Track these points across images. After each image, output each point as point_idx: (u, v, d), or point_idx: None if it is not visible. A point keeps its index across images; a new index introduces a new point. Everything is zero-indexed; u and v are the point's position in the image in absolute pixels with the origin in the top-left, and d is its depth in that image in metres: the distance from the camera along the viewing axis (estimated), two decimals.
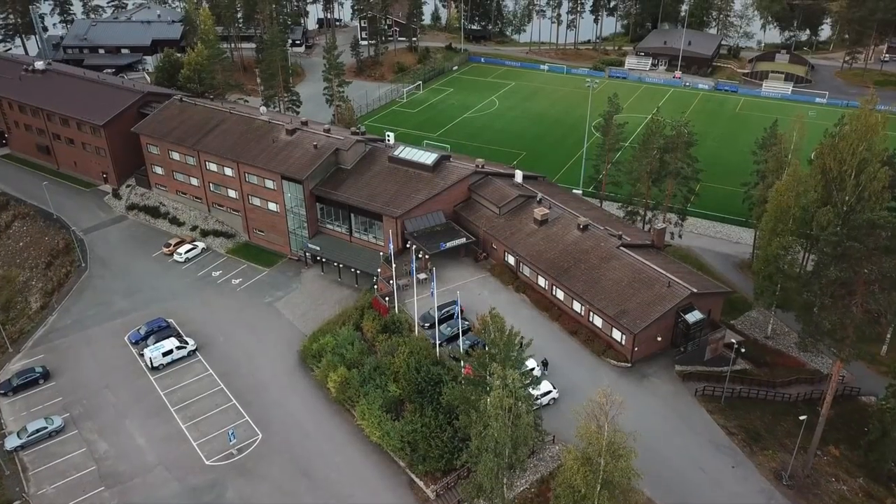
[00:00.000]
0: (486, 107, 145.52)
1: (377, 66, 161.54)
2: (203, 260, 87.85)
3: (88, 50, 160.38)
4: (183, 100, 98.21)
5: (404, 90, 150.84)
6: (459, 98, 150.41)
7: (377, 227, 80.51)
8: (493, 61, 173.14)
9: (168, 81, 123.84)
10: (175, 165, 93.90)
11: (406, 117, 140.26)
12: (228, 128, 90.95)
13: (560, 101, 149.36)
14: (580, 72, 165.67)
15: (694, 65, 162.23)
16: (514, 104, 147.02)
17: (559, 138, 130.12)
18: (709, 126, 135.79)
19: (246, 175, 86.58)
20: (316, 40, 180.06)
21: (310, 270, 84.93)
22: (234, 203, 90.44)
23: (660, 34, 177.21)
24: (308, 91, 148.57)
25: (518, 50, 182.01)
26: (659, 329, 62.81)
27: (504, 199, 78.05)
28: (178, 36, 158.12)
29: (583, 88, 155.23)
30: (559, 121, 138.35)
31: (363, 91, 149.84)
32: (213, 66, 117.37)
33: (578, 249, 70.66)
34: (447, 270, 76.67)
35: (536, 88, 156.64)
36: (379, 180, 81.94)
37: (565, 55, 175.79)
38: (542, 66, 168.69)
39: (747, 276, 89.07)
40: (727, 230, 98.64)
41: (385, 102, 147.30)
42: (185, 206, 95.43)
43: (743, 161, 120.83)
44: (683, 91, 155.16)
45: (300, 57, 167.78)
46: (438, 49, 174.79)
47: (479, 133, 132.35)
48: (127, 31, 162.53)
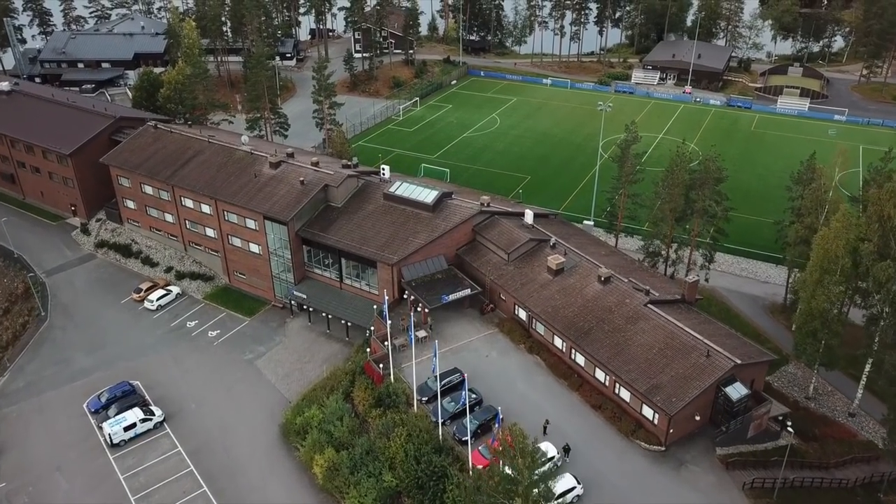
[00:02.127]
0: (487, 125, 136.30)
1: (372, 80, 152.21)
2: (177, 307, 78.32)
3: (67, 64, 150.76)
4: (158, 126, 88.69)
5: (400, 107, 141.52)
6: (458, 115, 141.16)
7: (371, 273, 71.19)
8: (494, 75, 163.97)
9: (147, 101, 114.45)
10: (148, 200, 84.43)
11: (402, 137, 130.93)
12: (206, 159, 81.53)
13: (565, 118, 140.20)
14: (585, 87, 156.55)
15: (704, 79, 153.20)
16: (517, 122, 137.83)
17: (566, 160, 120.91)
18: (724, 146, 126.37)
19: (225, 213, 77.17)
20: (308, 52, 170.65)
21: (295, 320, 75.53)
22: (212, 243, 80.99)
23: (667, 46, 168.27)
24: (299, 108, 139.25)
25: (519, 62, 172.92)
26: (696, 406, 53.68)
27: (513, 244, 68.78)
28: (162, 49, 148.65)
29: (589, 105, 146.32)
30: (565, 140, 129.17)
31: (357, 108, 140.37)
32: (195, 86, 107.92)
33: (600, 306, 61.40)
34: (449, 325, 67.34)
35: (539, 104, 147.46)
36: (373, 221, 72.62)
37: (568, 68, 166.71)
38: (545, 81, 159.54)
39: (779, 322, 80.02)
40: (753, 267, 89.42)
41: (380, 120, 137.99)
42: (160, 245, 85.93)
43: (764, 186, 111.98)
44: (694, 107, 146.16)
45: (291, 71, 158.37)
46: (436, 62, 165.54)
47: (480, 154, 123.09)
48: (108, 44, 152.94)
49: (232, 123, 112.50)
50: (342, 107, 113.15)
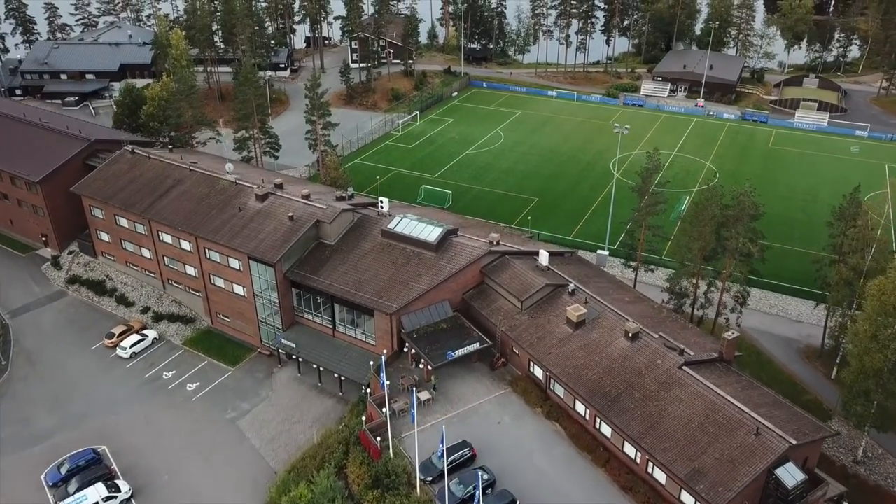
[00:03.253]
0: (491, 141, 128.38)
1: (369, 93, 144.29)
2: (154, 354, 70.25)
3: (49, 75, 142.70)
4: (135, 151, 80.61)
5: (399, 122, 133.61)
6: (460, 130, 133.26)
7: (367, 320, 63.29)
8: (496, 86, 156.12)
9: (129, 118, 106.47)
10: (123, 233, 76.42)
11: (401, 154, 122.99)
12: (187, 189, 73.53)
13: (573, 133, 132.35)
14: (592, 99, 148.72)
15: (717, 91, 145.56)
16: (522, 138, 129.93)
17: (575, 180, 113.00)
18: (741, 164, 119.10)
19: (206, 251, 69.21)
20: (303, 62, 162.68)
21: (284, 370, 67.57)
22: (193, 282, 73.00)
23: (677, 56, 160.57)
24: (293, 122, 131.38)
25: (522, 73, 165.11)
26: (745, 496, 45.85)
27: (527, 290, 60.89)
28: (150, 60, 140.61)
29: (597, 119, 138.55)
30: (574, 158, 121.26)
31: (353, 123, 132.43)
32: (180, 103, 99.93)
33: (629, 368, 53.53)
34: (455, 383, 59.40)
35: (545, 118, 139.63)
36: (369, 261, 64.68)
37: (574, 79, 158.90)
38: (550, 93, 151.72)
39: (817, 369, 72.26)
40: (783, 303, 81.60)
41: (378, 136, 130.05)
42: (136, 282, 77.91)
43: (788, 210, 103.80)
44: (707, 121, 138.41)
45: (285, 82, 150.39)
46: (436, 73, 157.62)
47: (484, 173, 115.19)
48: (92, 54, 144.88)
49: (220, 143, 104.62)
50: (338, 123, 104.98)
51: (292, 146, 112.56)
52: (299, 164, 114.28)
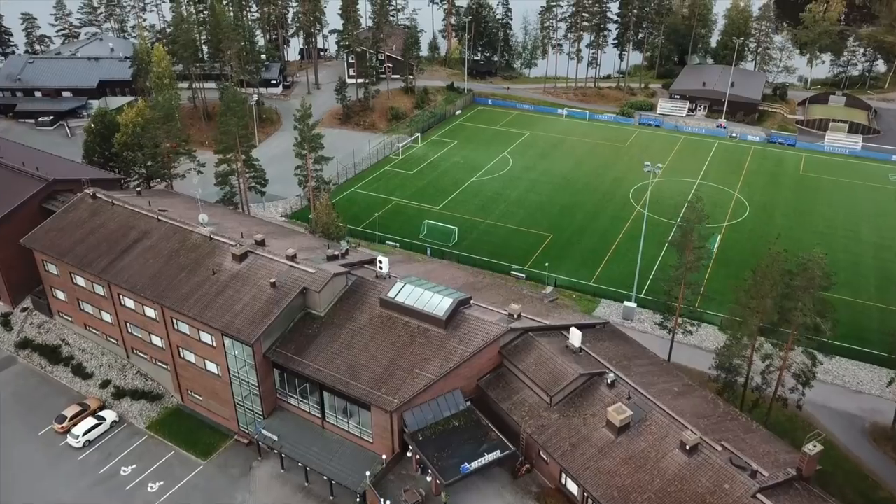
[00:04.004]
0: (498, 166, 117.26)
1: (367, 111, 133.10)
2: (112, 442, 59.01)
3: (22, 93, 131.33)
4: (97, 195, 69.31)
5: (399, 145, 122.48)
6: (465, 154, 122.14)
7: (362, 412, 52.28)
8: (502, 104, 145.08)
9: (101, 146, 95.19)
10: (81, 293, 65.25)
11: (402, 181, 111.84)
12: (154, 245, 62.35)
13: (587, 157, 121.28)
14: (606, 118, 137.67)
15: (739, 110, 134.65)
16: (532, 162, 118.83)
17: (593, 212, 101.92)
18: (771, 193, 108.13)
19: (174, 321, 58.18)
20: (296, 77, 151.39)
21: (264, 465, 56.39)
22: (159, 353, 61.91)
23: (694, 72, 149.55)
24: (285, 144, 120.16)
25: (529, 88, 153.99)
26: None
27: (558, 382, 49.81)
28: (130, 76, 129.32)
29: (612, 141, 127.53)
30: (590, 186, 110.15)
31: (350, 145, 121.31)
32: (156, 131, 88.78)
33: (689, 493, 42.51)
34: (470, 496, 48.32)
35: (556, 140, 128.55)
36: (365, 339, 53.65)
37: (585, 96, 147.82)
38: (561, 111, 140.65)
39: (888, 454, 61.48)
40: (838, 368, 70.47)
41: (376, 160, 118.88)
42: (96, 348, 66.69)
43: (829, 249, 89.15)
44: (731, 144, 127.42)
45: (276, 100, 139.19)
46: (438, 89, 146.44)
47: (492, 204, 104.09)
48: (70, 69, 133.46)
49: (202, 174, 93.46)
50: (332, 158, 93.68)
51: (283, 172, 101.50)
52: (290, 193, 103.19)
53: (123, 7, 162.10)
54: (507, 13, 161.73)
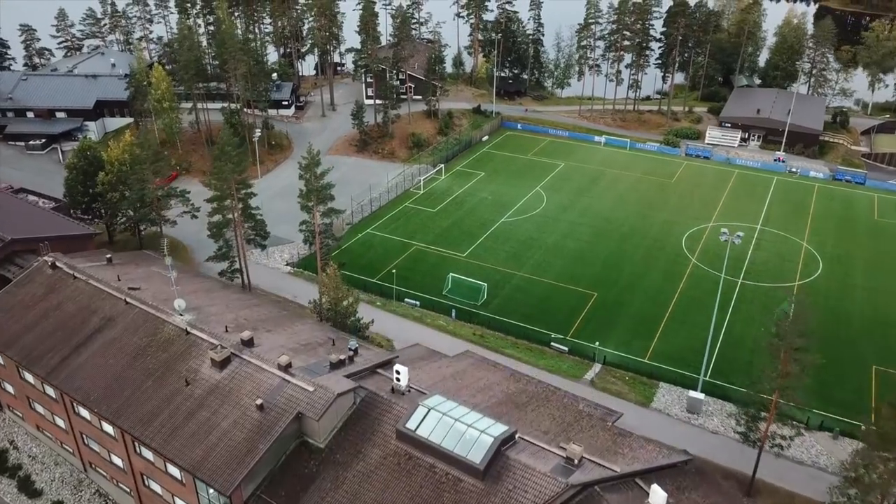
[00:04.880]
0: (531, 205, 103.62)
1: (386, 138, 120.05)
2: None
3: (13, 113, 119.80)
4: (57, 265, 56.69)
5: (421, 178, 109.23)
6: (493, 188, 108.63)
7: None
8: (533, 129, 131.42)
9: (83, 185, 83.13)
10: (31, 391, 52.60)
11: (423, 221, 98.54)
12: (118, 337, 49.56)
13: (630, 194, 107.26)
14: (648, 147, 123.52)
15: (798, 141, 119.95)
16: (568, 200, 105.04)
17: (642, 265, 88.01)
18: (845, 244, 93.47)
19: (136, 444, 45.34)
20: (310, 97, 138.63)
21: None
22: (120, 475, 49.16)
23: (744, 96, 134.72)
24: (293, 175, 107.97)
25: (562, 111, 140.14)
26: None
27: None
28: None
29: (656, 175, 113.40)
30: (635, 231, 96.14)
31: (366, 178, 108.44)
32: (144, 173, 76.31)
33: None
34: None
35: (594, 173, 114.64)
36: (378, 487, 40.38)
37: (625, 121, 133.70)
38: (598, 139, 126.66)
39: None
40: None
41: (395, 195, 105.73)
42: (49, 457, 54.10)
43: None
44: (791, 181, 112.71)
45: (288, 122, 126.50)
46: (464, 112, 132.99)
47: (525, 252, 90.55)
48: (65, 88, 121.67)
49: (196, 218, 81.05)
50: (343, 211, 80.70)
51: (291, 209, 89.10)
52: (297, 236, 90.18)
53: (129, 18, 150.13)
54: (538, 28, 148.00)
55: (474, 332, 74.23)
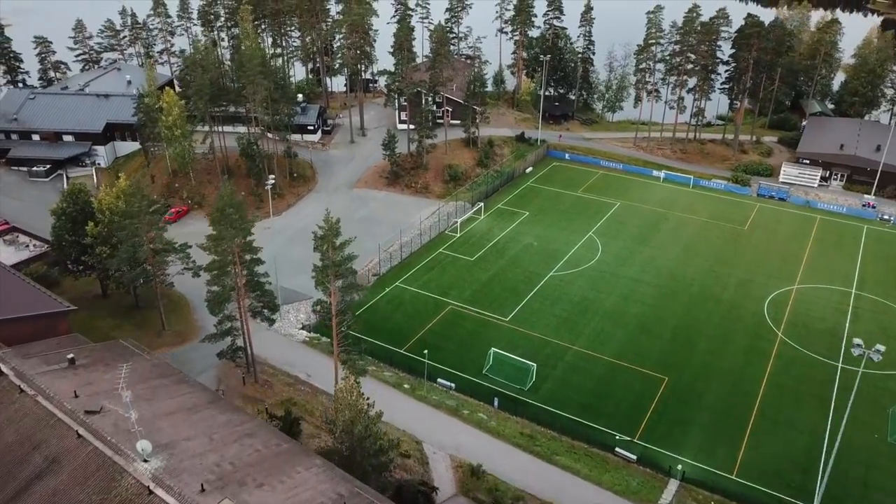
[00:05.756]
0: (584, 255, 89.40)
1: (419, 170, 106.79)
2: None
3: (18, 135, 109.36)
4: (3, 372, 44.31)
5: (457, 220, 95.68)
6: (540, 232, 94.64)
7: None
8: (582, 159, 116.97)
9: (71, 234, 71.32)
10: None
11: (459, 273, 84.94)
12: (61, 489, 36.88)
13: (697, 243, 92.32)
14: (715, 185, 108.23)
15: (890, 183, 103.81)
16: (627, 251, 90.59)
17: (719, 340, 73.35)
18: None
19: None
20: (338, 119, 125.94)
21: None
22: None
23: (822, 128, 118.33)
24: (317, 212, 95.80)
25: (614, 139, 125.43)
26: None
27: None
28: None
29: (727, 221, 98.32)
30: (707, 293, 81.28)
31: (397, 217, 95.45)
32: (136, 227, 64.05)
33: None
34: None
35: (654, 216, 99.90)
36: None
37: (686, 153, 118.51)
38: (656, 174, 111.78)
39: None
40: None
41: (428, 238, 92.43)
42: None
43: None
44: (885, 231, 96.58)
45: (313, 149, 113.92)
46: (506, 140, 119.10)
47: (579, 318, 76.52)
48: (74, 108, 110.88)
49: (198, 276, 68.58)
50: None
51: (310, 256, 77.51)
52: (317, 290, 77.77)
53: (150, 30, 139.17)
54: (588, 46, 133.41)
55: (521, 431, 60.82)
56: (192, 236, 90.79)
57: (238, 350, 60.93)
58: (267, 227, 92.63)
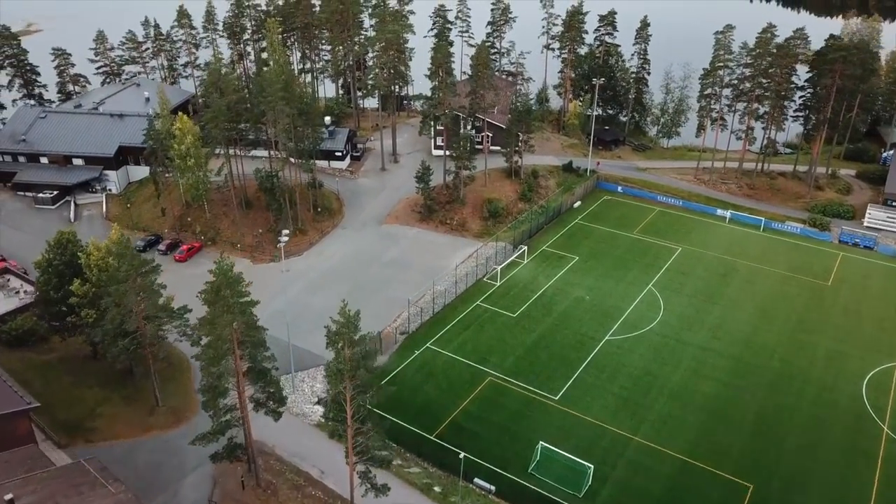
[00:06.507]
0: (644, 313, 76.82)
1: (456, 204, 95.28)
2: None
3: (26, 157, 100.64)
4: None
5: (497, 267, 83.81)
6: (592, 283, 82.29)
7: None
8: (637, 193, 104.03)
9: (55, 291, 61.33)
10: None
11: (499, 334, 73.13)
12: None
13: (774, 304, 78.88)
14: (788, 229, 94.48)
15: None
16: (693, 310, 77.67)
17: (811, 435, 60.47)
18: None
19: None
20: (369, 142, 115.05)
21: None
22: None
23: None
24: (341, 252, 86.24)
25: (671, 169, 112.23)
26: None
27: None
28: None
29: (807, 272, 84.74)
30: (792, 369, 68.26)
31: (430, 262, 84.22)
32: (125, 294, 53.62)
33: None
34: None
35: (722, 265, 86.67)
36: None
37: (753, 189, 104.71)
38: (721, 213, 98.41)
39: None
40: None
41: (465, 286, 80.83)
42: None
43: None
44: None
45: (340, 178, 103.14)
46: (551, 170, 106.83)
47: (641, 398, 64.33)
48: (86, 129, 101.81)
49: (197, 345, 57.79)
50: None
51: (332, 307, 67.05)
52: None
53: (174, 42, 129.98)
54: (643, 65, 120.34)
55: None
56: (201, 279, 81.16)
57: (237, 449, 50.03)
58: (286, 269, 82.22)
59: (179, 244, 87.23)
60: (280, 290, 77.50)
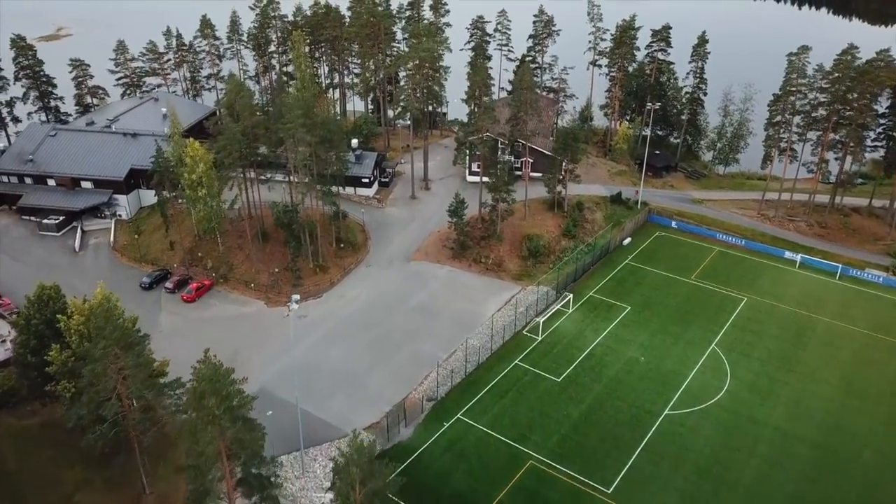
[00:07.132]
0: (707, 382, 65.85)
1: (492, 239, 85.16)
2: None
3: (33, 179, 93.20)
4: None
5: (539, 319, 73.41)
6: (646, 340, 71.56)
7: None
8: (693, 230, 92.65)
9: (34, 357, 52.77)
10: None
11: (541, 404, 62.99)
12: None
13: (861, 373, 67.09)
14: (868, 277, 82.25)
15: None
16: (765, 377, 66.41)
17: None
18: None
19: None
20: (399, 165, 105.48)
21: None
22: None
23: None
24: (364, 294, 77.00)
25: (729, 200, 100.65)
26: None
27: None
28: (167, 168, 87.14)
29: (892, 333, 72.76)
30: (889, 463, 57.03)
31: (462, 308, 74.38)
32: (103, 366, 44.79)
33: None
34: None
35: (795, 322, 74.99)
36: None
37: (825, 228, 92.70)
38: (790, 255, 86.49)
39: None
40: None
41: (502, 341, 70.74)
42: None
43: None
44: None
45: (367, 206, 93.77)
46: (597, 201, 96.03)
47: (712, 499, 53.63)
48: (97, 149, 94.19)
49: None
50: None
51: (353, 363, 57.53)
52: (355, 417, 57.71)
53: (196, 53, 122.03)
54: (699, 85, 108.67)
55: None
56: (210, 324, 72.62)
57: None
58: (302, 315, 72.67)
59: (189, 281, 78.76)
60: (294, 340, 68.30)
